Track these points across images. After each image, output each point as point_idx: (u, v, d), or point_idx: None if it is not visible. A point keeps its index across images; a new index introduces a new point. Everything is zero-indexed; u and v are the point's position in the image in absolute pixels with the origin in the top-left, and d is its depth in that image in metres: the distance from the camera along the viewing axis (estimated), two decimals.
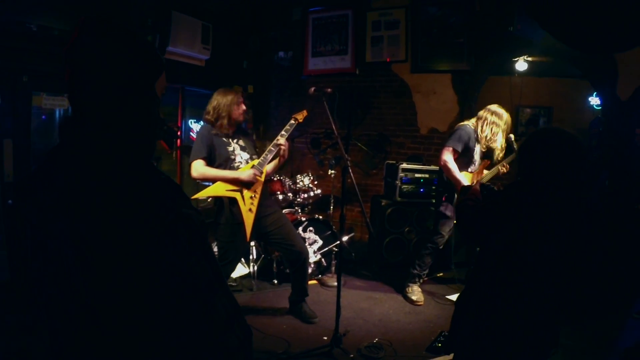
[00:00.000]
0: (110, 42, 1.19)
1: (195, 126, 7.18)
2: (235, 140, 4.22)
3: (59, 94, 5.12)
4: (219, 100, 4.12)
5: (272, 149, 4.17)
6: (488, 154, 5.01)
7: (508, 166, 4.99)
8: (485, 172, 4.97)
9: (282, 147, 4.16)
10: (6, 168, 4.57)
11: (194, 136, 7.10)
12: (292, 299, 4.57)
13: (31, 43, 4.57)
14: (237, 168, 4.14)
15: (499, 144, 4.83)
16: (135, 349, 1.11)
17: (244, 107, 4.19)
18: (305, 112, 4.48)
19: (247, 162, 4.22)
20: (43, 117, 5.34)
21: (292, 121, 4.36)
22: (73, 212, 1.09)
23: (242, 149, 4.25)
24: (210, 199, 4.34)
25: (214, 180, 4.07)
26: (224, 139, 4.15)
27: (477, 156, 4.91)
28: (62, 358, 1.17)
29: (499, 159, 4.93)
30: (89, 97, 1.19)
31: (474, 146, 4.84)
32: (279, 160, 4.26)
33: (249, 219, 4.06)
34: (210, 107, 4.14)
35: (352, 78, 7.16)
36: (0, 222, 4.51)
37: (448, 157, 4.77)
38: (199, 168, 4.03)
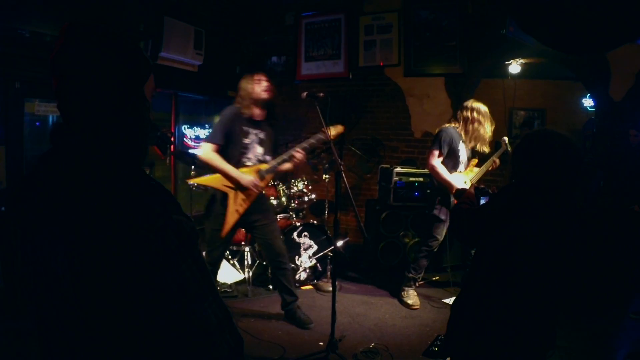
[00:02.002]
0: (95, 47, 1.17)
1: (189, 132, 7.16)
2: (256, 132, 4.19)
3: (52, 100, 5.09)
4: (241, 84, 4.19)
5: (285, 157, 4.13)
6: (475, 151, 5.00)
7: (498, 161, 4.98)
8: (475, 169, 4.97)
9: (297, 161, 4.08)
10: None
11: (188, 142, 7.09)
12: (283, 304, 4.51)
13: (23, 49, 4.54)
14: (245, 164, 4.13)
15: (487, 136, 4.82)
16: (125, 356, 1.11)
17: (265, 84, 4.13)
18: (340, 128, 4.02)
19: (259, 160, 4.20)
20: (37, 123, 5.32)
21: (320, 135, 4.02)
22: (64, 219, 1.09)
23: (260, 142, 4.22)
24: (205, 186, 4.35)
25: (216, 170, 4.06)
26: (245, 127, 4.12)
27: (463, 155, 4.88)
28: None
29: (484, 151, 4.91)
30: (77, 103, 1.18)
31: (459, 146, 4.80)
32: (286, 170, 4.28)
33: (232, 218, 4.08)
34: (238, 95, 4.20)
35: (345, 82, 7.17)
36: None
37: (435, 160, 4.75)
38: (208, 152, 4.04)
